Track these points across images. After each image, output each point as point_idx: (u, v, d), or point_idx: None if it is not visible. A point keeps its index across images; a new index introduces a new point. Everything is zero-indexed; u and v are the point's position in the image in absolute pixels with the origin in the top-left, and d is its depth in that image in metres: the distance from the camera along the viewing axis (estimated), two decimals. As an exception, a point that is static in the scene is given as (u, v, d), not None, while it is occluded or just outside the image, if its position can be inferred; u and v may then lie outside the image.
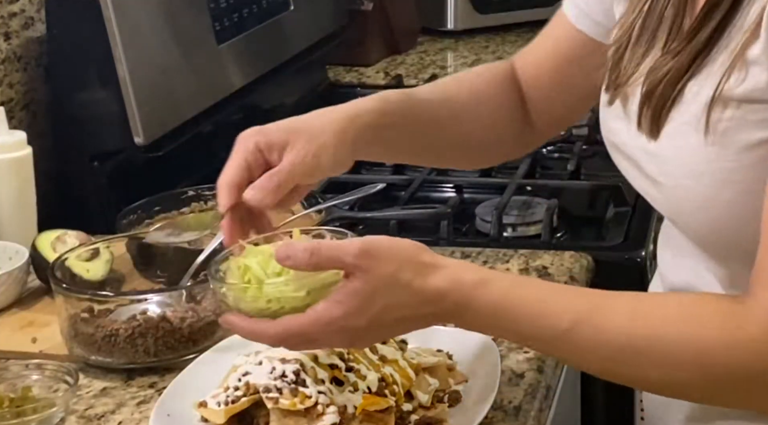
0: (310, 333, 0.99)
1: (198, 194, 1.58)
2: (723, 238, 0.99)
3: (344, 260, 0.97)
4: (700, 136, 0.96)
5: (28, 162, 1.53)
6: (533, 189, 1.79)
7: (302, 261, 0.98)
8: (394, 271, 0.98)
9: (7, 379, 1.22)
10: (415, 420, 1.11)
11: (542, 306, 0.99)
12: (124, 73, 1.60)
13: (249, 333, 1.02)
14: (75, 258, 1.35)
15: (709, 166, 0.96)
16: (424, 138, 1.24)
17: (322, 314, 0.98)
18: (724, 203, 0.96)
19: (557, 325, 0.98)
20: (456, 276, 0.99)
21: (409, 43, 2.64)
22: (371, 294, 0.97)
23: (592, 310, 0.98)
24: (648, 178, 1.03)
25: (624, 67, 1.06)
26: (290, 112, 2.22)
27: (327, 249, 0.98)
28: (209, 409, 1.12)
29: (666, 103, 0.99)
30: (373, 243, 0.98)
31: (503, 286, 0.99)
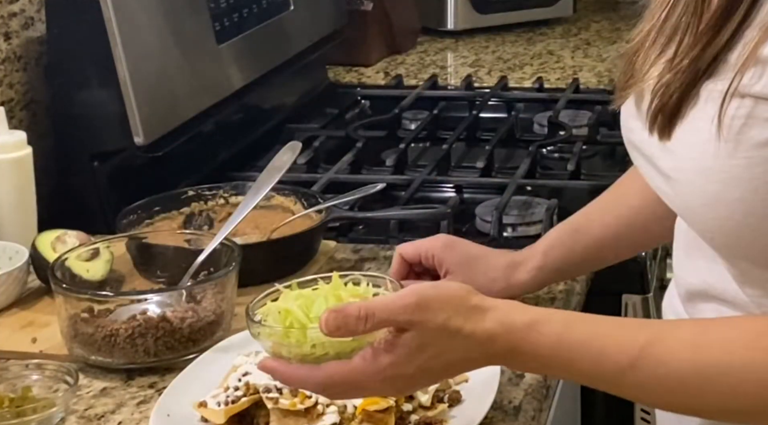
0: (356, 381, 0.98)
1: (198, 194, 1.59)
2: (730, 236, 0.98)
3: (398, 319, 0.97)
4: (712, 133, 0.95)
5: (28, 162, 1.53)
6: (533, 189, 1.78)
7: (356, 331, 0.97)
8: (445, 320, 0.97)
9: (7, 379, 1.22)
10: (415, 420, 1.11)
11: (600, 345, 0.97)
12: (124, 73, 1.60)
13: (292, 380, 1.01)
14: (75, 258, 1.35)
15: (719, 162, 0.95)
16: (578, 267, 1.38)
17: (369, 362, 0.97)
18: (733, 201, 0.95)
19: (618, 363, 0.96)
20: (506, 319, 0.98)
21: (409, 43, 2.64)
22: (422, 344, 0.97)
23: (653, 343, 0.96)
24: (661, 174, 1.02)
25: (637, 68, 1.05)
26: (290, 112, 2.23)
27: (380, 312, 0.96)
28: (209, 409, 1.12)
29: (680, 107, 0.98)
30: (424, 296, 0.97)
31: (556, 328, 0.98)
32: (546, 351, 0.97)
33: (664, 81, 0.99)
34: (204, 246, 1.36)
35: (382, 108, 2.18)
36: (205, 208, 1.58)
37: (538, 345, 0.97)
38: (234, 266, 1.31)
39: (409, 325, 0.96)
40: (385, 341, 0.97)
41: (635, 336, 0.97)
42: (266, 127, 2.06)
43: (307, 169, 1.86)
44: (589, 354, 0.97)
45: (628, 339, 0.97)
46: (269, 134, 2.03)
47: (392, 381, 0.98)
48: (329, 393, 1.01)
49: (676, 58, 0.99)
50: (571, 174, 1.83)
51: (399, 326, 0.97)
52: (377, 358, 0.97)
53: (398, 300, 0.97)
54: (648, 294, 1.58)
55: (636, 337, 0.97)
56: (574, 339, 0.97)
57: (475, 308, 0.98)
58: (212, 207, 1.58)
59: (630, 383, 0.97)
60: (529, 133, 2.10)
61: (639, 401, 1.01)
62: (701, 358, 0.95)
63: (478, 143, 2.03)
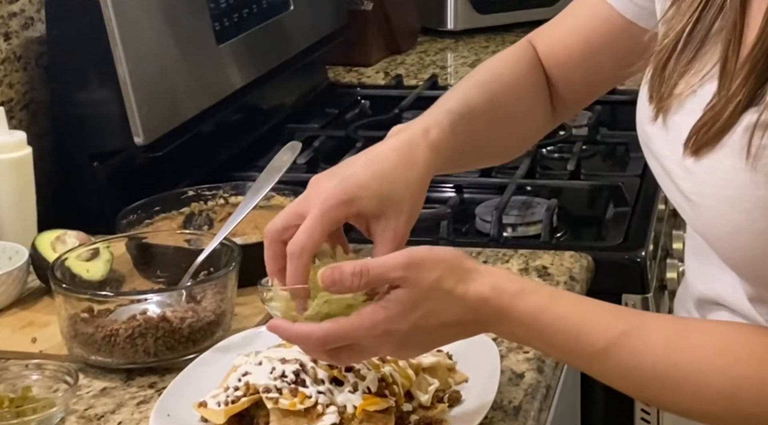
0: (352, 336, 1.00)
1: (198, 194, 1.59)
2: (754, 264, 0.98)
3: (391, 275, 0.99)
4: (739, 161, 0.94)
5: (28, 162, 1.52)
6: (533, 189, 1.79)
7: (351, 285, 0.99)
8: (437, 278, 0.99)
9: (7, 379, 1.22)
10: (415, 420, 1.11)
11: (580, 322, 0.99)
12: (124, 73, 1.60)
13: (293, 337, 1.02)
14: (75, 258, 1.35)
15: (742, 192, 0.94)
16: (480, 152, 1.24)
17: (365, 317, 0.99)
18: (758, 231, 0.94)
19: (593, 344, 0.98)
20: (497, 283, 1.00)
21: (409, 43, 2.64)
22: (415, 300, 0.99)
23: (630, 332, 0.98)
24: (681, 193, 1.01)
25: (667, 76, 1.03)
26: (290, 112, 2.23)
27: (374, 268, 0.99)
28: (209, 409, 1.12)
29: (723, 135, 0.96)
30: (416, 254, 0.99)
31: (542, 298, 1.00)
32: (528, 319, 0.99)
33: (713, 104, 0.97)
34: (204, 246, 1.36)
35: (382, 108, 2.18)
36: (205, 208, 1.58)
37: (522, 313, 0.99)
38: (234, 266, 1.31)
39: (402, 282, 0.98)
40: (378, 297, 0.99)
41: (615, 321, 0.99)
42: (266, 127, 2.06)
43: (307, 169, 1.86)
44: (567, 330, 0.99)
45: (607, 323, 0.99)
46: (269, 134, 2.03)
47: (387, 337, 0.99)
48: (330, 352, 1.01)
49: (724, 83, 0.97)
50: (571, 174, 1.83)
51: (392, 283, 0.99)
52: (372, 313, 0.99)
53: (392, 259, 1.00)
54: (648, 294, 1.58)
55: (616, 323, 0.99)
56: (557, 313, 0.99)
57: (468, 270, 1.00)
58: (212, 207, 1.58)
59: (601, 367, 0.99)
60: (529, 132, 2.10)
61: (607, 383, 1.02)
62: (672, 357, 0.97)
63: (478, 143, 2.03)
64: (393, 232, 1.06)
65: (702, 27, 1.02)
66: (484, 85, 1.21)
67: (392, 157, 1.08)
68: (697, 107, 0.99)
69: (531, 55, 1.27)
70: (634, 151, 1.93)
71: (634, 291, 1.58)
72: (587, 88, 1.30)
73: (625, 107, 2.12)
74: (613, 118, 2.17)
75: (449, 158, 1.12)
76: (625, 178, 1.82)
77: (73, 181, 1.69)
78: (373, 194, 1.05)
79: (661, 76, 1.04)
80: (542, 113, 1.28)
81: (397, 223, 1.06)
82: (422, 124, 1.11)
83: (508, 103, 1.22)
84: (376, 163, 1.07)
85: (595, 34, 1.24)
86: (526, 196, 1.74)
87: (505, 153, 1.30)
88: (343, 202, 1.04)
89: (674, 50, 1.03)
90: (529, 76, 1.26)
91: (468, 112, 1.16)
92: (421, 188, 1.09)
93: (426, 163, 1.09)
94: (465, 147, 1.15)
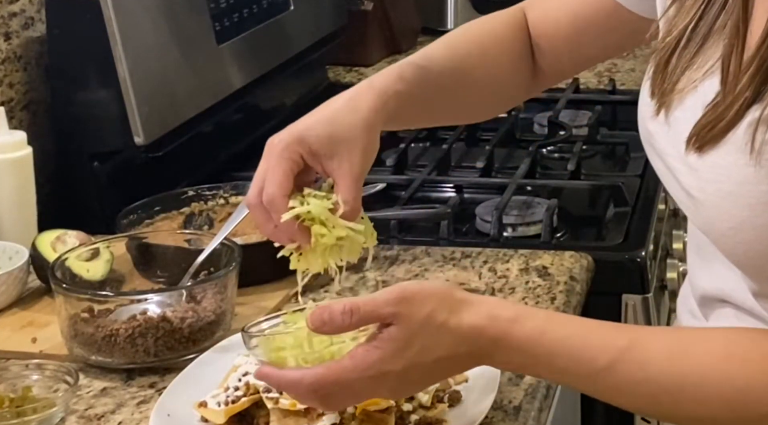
0: (346, 380, 0.97)
1: (198, 194, 1.59)
2: (756, 260, 0.97)
3: (382, 313, 0.97)
4: (742, 157, 0.94)
5: (28, 162, 1.53)
6: (533, 189, 1.78)
7: (342, 325, 0.97)
8: (429, 312, 0.97)
9: (7, 379, 1.22)
10: (415, 420, 1.11)
11: (579, 342, 0.98)
12: (124, 73, 1.60)
13: (282, 384, 1.00)
14: (75, 258, 1.35)
15: (748, 187, 0.94)
16: (440, 106, 1.24)
17: (357, 359, 0.97)
18: (761, 227, 0.94)
19: (595, 362, 0.97)
20: (491, 312, 0.98)
21: (409, 43, 2.64)
22: (409, 337, 0.97)
23: (632, 346, 0.97)
24: (684, 190, 1.01)
25: (669, 73, 1.03)
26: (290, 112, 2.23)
27: (364, 305, 0.97)
28: (209, 409, 1.12)
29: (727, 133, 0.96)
30: (407, 289, 0.98)
31: (538, 322, 0.99)
32: (528, 345, 0.98)
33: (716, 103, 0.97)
34: (204, 246, 1.36)
35: (382, 108, 2.18)
36: (205, 208, 1.58)
37: (520, 339, 0.98)
38: (234, 266, 1.31)
39: (394, 318, 0.97)
40: (370, 336, 0.97)
41: (616, 338, 0.98)
42: (266, 127, 2.06)
43: (307, 169, 1.86)
44: (569, 352, 0.98)
45: (608, 341, 0.98)
46: (269, 134, 2.02)
47: (382, 379, 0.97)
48: (322, 398, 0.99)
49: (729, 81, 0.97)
50: (571, 174, 1.83)
51: (384, 320, 0.97)
52: (365, 355, 0.97)
53: (382, 295, 0.98)
54: (648, 294, 1.58)
55: (616, 339, 0.98)
56: (556, 336, 0.98)
57: (459, 302, 0.99)
58: (212, 207, 1.58)
59: (606, 384, 0.98)
60: (529, 133, 2.10)
61: (613, 403, 1.01)
62: (677, 367, 0.96)
63: (478, 143, 2.03)
64: (348, 166, 1.09)
65: (705, 23, 1.02)
66: (454, 46, 1.24)
67: (338, 103, 1.12)
68: (697, 103, 0.99)
69: (520, 23, 1.28)
70: (634, 151, 1.94)
71: (634, 291, 1.57)
72: (572, 62, 1.31)
73: (625, 107, 2.12)
74: (613, 118, 2.17)
75: (398, 105, 1.14)
76: (625, 178, 1.82)
77: (73, 181, 1.69)
78: (320, 133, 1.09)
79: (663, 72, 1.04)
80: (518, 80, 1.29)
81: (350, 159, 1.08)
82: (375, 75, 1.15)
83: (477, 66, 1.24)
84: (322, 110, 1.11)
85: (584, 11, 1.25)
86: (527, 196, 1.74)
87: (469, 113, 1.32)
88: (293, 142, 1.08)
89: (677, 46, 1.03)
90: (512, 43, 1.27)
91: (426, 64, 1.18)
92: (368, 130, 1.11)
93: (370, 106, 1.11)
94: (416, 98, 1.17)
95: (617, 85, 2.25)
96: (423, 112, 1.22)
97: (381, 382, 0.98)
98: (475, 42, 1.26)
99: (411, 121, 1.24)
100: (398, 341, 0.97)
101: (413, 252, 1.55)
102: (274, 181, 1.07)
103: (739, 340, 0.97)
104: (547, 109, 2.12)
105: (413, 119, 1.24)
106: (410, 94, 1.16)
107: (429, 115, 1.25)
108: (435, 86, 1.20)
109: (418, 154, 2.00)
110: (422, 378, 1.02)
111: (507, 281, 1.46)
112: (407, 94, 1.15)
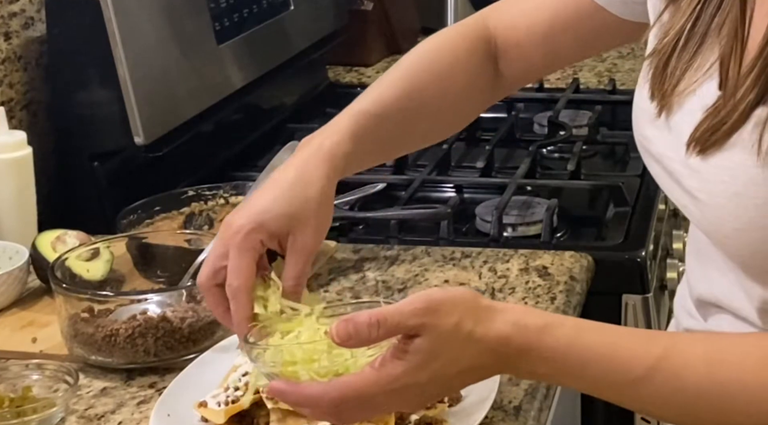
0: (369, 394, 0.93)
1: (198, 194, 1.58)
2: (762, 261, 0.97)
3: (409, 324, 0.93)
4: (749, 158, 0.93)
5: (28, 162, 1.53)
6: (533, 189, 1.78)
7: (370, 337, 0.93)
8: (456, 322, 0.93)
9: (7, 379, 1.22)
10: (415, 420, 1.11)
11: (613, 351, 0.95)
12: (124, 73, 1.60)
13: (303, 399, 0.96)
14: (75, 258, 1.35)
15: (755, 188, 0.93)
16: (396, 144, 1.25)
17: (382, 372, 0.93)
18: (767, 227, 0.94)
19: (630, 372, 0.94)
20: (518, 321, 0.95)
21: (409, 43, 2.63)
22: (434, 348, 0.93)
23: (667, 355, 0.94)
24: (686, 192, 1.00)
25: (669, 75, 1.02)
26: (290, 112, 2.23)
27: (391, 317, 0.92)
28: (209, 409, 1.12)
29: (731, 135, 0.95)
30: (434, 299, 0.94)
31: (569, 332, 0.95)
32: (558, 354, 0.95)
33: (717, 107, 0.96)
34: (204, 246, 1.36)
35: (382, 108, 2.18)
36: (205, 208, 1.58)
37: (550, 349, 0.94)
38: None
39: (421, 329, 0.93)
40: (395, 348, 0.93)
41: (650, 346, 0.95)
42: (266, 127, 2.06)
43: (307, 169, 1.86)
44: (602, 361, 0.95)
45: (642, 349, 0.95)
46: (269, 134, 2.03)
47: (405, 391, 0.94)
48: (343, 414, 0.96)
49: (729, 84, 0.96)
50: (571, 174, 1.83)
51: (410, 331, 0.93)
52: (389, 367, 0.93)
53: (408, 305, 0.94)
54: (648, 294, 1.58)
55: (651, 348, 0.95)
56: (587, 345, 0.95)
57: (486, 309, 0.95)
58: (212, 207, 1.58)
59: (642, 394, 0.95)
60: (529, 132, 2.10)
61: (647, 413, 0.98)
62: (716, 374, 0.93)
63: (478, 143, 2.03)
64: (301, 244, 1.09)
65: (702, 24, 1.01)
66: (410, 78, 1.25)
67: (290, 177, 1.12)
68: (696, 106, 0.99)
69: (479, 33, 1.27)
70: (634, 151, 1.92)
71: (634, 292, 1.57)
72: (545, 64, 1.30)
73: (625, 107, 2.11)
74: (613, 118, 2.17)
75: (352, 162, 1.15)
76: (625, 178, 1.82)
77: (73, 181, 1.69)
78: (276, 215, 1.09)
79: (663, 74, 1.03)
80: (477, 96, 1.28)
81: (304, 237, 1.09)
82: (320, 135, 1.15)
83: (434, 96, 1.23)
84: (275, 187, 1.11)
85: (564, 13, 1.23)
86: (527, 196, 1.74)
87: (426, 140, 1.31)
88: (252, 230, 1.07)
89: (675, 48, 1.03)
90: (470, 59, 1.26)
91: (381, 111, 1.20)
92: (323, 201, 1.11)
93: (321, 176, 1.11)
94: (372, 147, 1.18)
95: (617, 85, 2.25)
96: (379, 156, 1.24)
97: (402, 395, 0.95)
98: (430, 70, 1.25)
99: (367, 165, 1.24)
100: (425, 353, 0.93)
101: (413, 252, 1.55)
102: (239, 274, 1.06)
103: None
104: (547, 109, 2.12)
105: (369, 164, 1.24)
106: (363, 150, 1.16)
107: (385, 155, 1.27)
108: (390, 130, 1.20)
109: (418, 153, 1.99)
110: (443, 390, 1.00)
111: (507, 281, 1.46)
112: (359, 151, 1.15)
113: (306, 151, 1.13)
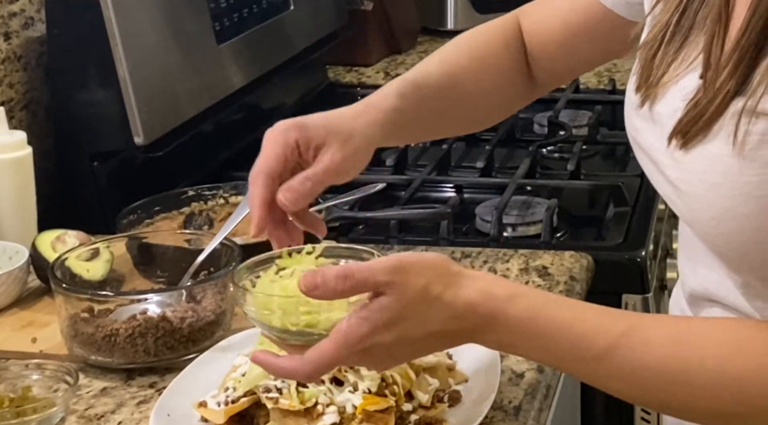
0: (339, 358, 0.94)
1: (198, 194, 1.58)
2: (738, 250, 0.97)
3: (377, 280, 0.94)
4: (725, 147, 0.94)
5: (28, 162, 1.53)
6: (533, 189, 1.79)
7: (336, 289, 0.93)
8: (425, 284, 0.94)
9: (7, 379, 1.22)
10: (415, 420, 1.11)
11: (577, 325, 0.96)
12: (124, 73, 1.60)
13: (281, 372, 0.98)
14: (75, 258, 1.35)
15: (729, 178, 0.94)
16: (435, 122, 1.24)
17: (348, 333, 0.93)
18: (742, 216, 0.94)
19: (593, 346, 0.95)
20: (487, 289, 0.96)
21: (409, 43, 2.64)
22: (400, 308, 0.94)
23: (631, 332, 0.95)
24: (670, 183, 1.01)
25: (656, 67, 1.03)
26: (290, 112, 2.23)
27: (359, 271, 0.93)
28: (209, 409, 1.12)
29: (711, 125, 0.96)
30: (403, 259, 0.95)
31: (536, 302, 0.96)
32: (523, 325, 0.95)
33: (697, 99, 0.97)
34: (204, 246, 1.36)
35: (382, 108, 2.18)
36: (205, 207, 1.58)
37: (516, 318, 0.95)
38: (234, 266, 1.31)
39: (388, 287, 0.93)
40: (362, 306, 0.94)
41: (615, 322, 0.97)
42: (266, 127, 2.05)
43: (307, 169, 1.86)
44: (565, 334, 0.95)
45: (607, 325, 0.96)
46: (269, 134, 2.03)
47: (373, 351, 0.94)
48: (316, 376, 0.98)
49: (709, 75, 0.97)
50: (571, 174, 1.83)
51: (378, 288, 0.94)
52: (356, 326, 0.93)
53: (378, 263, 0.95)
54: (648, 294, 1.58)
55: (615, 324, 0.96)
56: (552, 317, 0.96)
57: (455, 275, 0.96)
58: (212, 207, 1.58)
59: (602, 370, 0.96)
60: (529, 132, 2.10)
61: (612, 391, 0.98)
62: (678, 354, 0.95)
63: (478, 143, 2.03)
64: (329, 158, 1.08)
65: (688, 17, 1.02)
66: (449, 61, 1.25)
67: (343, 110, 1.14)
68: (677, 96, 1.00)
69: (514, 31, 1.29)
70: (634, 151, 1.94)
71: (634, 291, 1.58)
72: (567, 68, 1.32)
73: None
74: (613, 118, 2.17)
75: (397, 121, 1.15)
76: (625, 178, 1.82)
77: (73, 181, 1.69)
78: (318, 122, 1.10)
79: (650, 66, 1.04)
80: (512, 91, 1.30)
81: (334, 153, 1.09)
82: (373, 94, 1.17)
83: (471, 81, 1.24)
84: (327, 112, 1.13)
85: (576, 17, 1.25)
86: (526, 196, 1.74)
87: (463, 127, 1.33)
88: (291, 127, 1.10)
89: (662, 41, 1.04)
90: (506, 54, 1.27)
91: (422, 82, 1.20)
92: (364, 136, 1.11)
93: (370, 120, 1.13)
94: (413, 114, 1.18)
95: (617, 85, 2.25)
96: (419, 128, 1.23)
97: (371, 355, 0.95)
98: (469, 56, 1.26)
99: (407, 136, 1.25)
100: (390, 311, 0.93)
101: (413, 252, 1.55)
102: (263, 159, 1.09)
103: (740, 328, 0.96)
104: (547, 109, 2.12)
105: (410, 135, 1.25)
106: (408, 110, 1.16)
107: (425, 130, 1.26)
108: (431, 103, 1.20)
109: (418, 153, 2.00)
110: (411, 352, 0.99)
111: (507, 281, 1.46)
112: (406, 110, 1.16)
113: (356, 103, 1.15)
